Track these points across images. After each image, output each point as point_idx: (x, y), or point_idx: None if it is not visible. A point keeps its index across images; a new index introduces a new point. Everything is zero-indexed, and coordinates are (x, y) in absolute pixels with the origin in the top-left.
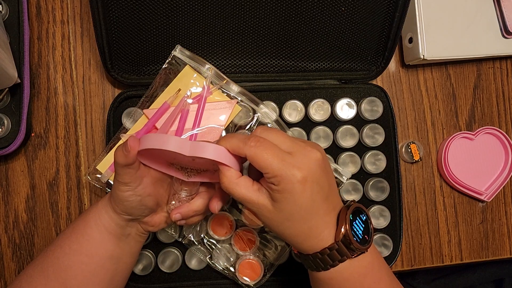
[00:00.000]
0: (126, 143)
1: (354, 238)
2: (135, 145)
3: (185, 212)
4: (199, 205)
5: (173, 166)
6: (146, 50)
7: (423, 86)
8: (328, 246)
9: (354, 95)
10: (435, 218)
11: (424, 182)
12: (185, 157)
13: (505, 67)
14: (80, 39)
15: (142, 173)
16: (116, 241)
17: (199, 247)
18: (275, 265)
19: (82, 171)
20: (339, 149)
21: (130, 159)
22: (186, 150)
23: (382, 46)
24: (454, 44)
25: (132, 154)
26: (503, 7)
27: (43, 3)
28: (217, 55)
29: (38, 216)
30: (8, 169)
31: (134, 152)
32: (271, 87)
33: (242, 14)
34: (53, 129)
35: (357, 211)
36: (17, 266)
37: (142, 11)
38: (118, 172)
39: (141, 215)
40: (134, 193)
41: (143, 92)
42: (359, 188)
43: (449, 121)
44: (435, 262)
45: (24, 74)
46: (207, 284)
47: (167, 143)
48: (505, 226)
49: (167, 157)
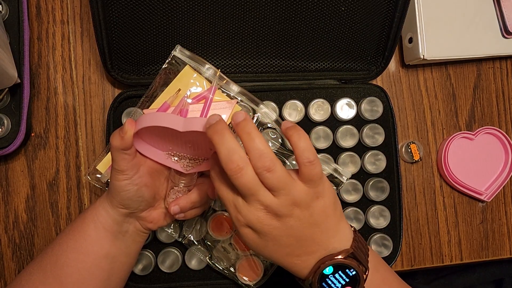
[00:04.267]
0: (123, 126)
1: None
2: (131, 127)
3: (183, 204)
4: (197, 196)
5: (171, 158)
6: (146, 50)
7: (423, 86)
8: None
9: (354, 95)
10: (435, 218)
11: (424, 182)
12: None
13: (505, 67)
14: (80, 39)
15: (138, 161)
16: (112, 239)
17: (199, 247)
18: (275, 265)
19: (82, 171)
20: (339, 149)
21: (126, 142)
22: (180, 125)
23: (382, 46)
24: (454, 44)
25: (129, 135)
26: (503, 7)
27: (43, 3)
28: (217, 55)
29: (38, 216)
30: (8, 169)
31: (130, 134)
32: (271, 87)
33: (242, 14)
34: (53, 129)
35: (344, 266)
36: (17, 266)
37: (142, 11)
38: (114, 159)
39: (138, 208)
40: (131, 182)
41: (143, 92)
42: (359, 188)
43: (449, 121)
44: (435, 262)
45: (24, 74)
46: (207, 284)
47: (161, 120)
48: (505, 226)
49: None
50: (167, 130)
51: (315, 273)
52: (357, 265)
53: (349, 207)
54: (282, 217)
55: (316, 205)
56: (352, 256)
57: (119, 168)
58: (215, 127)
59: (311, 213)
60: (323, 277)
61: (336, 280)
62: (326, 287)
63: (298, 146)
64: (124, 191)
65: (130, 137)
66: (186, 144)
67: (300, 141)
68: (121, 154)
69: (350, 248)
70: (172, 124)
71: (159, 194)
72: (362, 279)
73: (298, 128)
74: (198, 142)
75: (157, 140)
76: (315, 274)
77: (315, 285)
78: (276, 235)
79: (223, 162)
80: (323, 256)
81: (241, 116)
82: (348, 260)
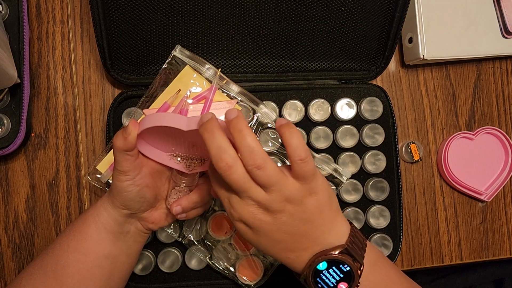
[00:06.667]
0: (126, 127)
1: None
2: (135, 128)
3: (185, 204)
4: (199, 195)
5: (174, 159)
6: (146, 50)
7: (423, 86)
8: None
9: (354, 95)
10: (435, 218)
11: (424, 182)
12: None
13: (505, 67)
14: (80, 39)
15: (141, 162)
16: (113, 239)
17: (199, 247)
18: (275, 265)
19: (82, 171)
20: (339, 149)
21: (129, 143)
22: (183, 124)
23: (382, 46)
24: (454, 44)
25: (132, 136)
26: (503, 7)
27: (43, 3)
28: (217, 55)
29: (38, 216)
30: (8, 169)
31: (134, 135)
32: (271, 87)
33: (242, 14)
34: (53, 129)
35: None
36: (17, 266)
37: (142, 11)
38: (117, 160)
39: (140, 209)
40: (133, 183)
41: (143, 92)
42: (359, 188)
43: (449, 121)
44: (435, 262)
45: (24, 74)
46: (207, 284)
47: (164, 119)
48: (505, 226)
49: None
50: (170, 130)
51: (309, 268)
52: (351, 261)
53: (349, 207)
54: (273, 212)
55: (309, 202)
56: (347, 252)
57: (121, 169)
58: (206, 125)
59: (303, 210)
60: (317, 273)
61: (330, 275)
62: (320, 282)
63: (290, 143)
64: (126, 192)
65: (133, 138)
66: (189, 144)
67: (292, 139)
68: (124, 155)
69: (344, 244)
70: (175, 124)
71: (160, 195)
72: (356, 275)
73: (290, 126)
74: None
75: (160, 141)
76: (309, 269)
77: (309, 280)
78: (268, 230)
79: (213, 160)
80: (317, 252)
81: (233, 114)
82: (342, 256)
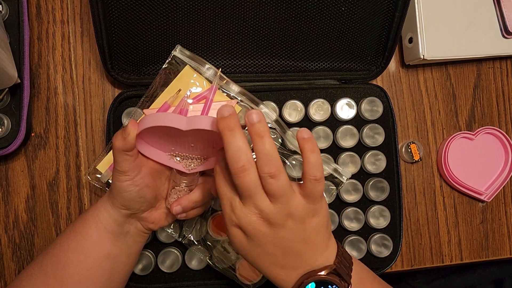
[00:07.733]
0: (125, 127)
1: None
2: (134, 128)
3: (185, 204)
4: (199, 195)
5: (173, 159)
6: (146, 50)
7: (423, 86)
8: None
9: (354, 95)
10: (435, 218)
11: (424, 182)
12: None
13: (505, 67)
14: (80, 39)
15: (140, 162)
16: (114, 239)
17: (199, 247)
18: None
19: (82, 171)
20: (339, 149)
21: (128, 143)
22: (183, 124)
23: (382, 46)
24: (454, 44)
25: (131, 137)
26: (503, 7)
27: (43, 3)
28: (217, 55)
29: (38, 216)
30: (8, 169)
31: (133, 135)
32: (271, 87)
33: (242, 14)
34: (53, 129)
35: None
36: (17, 266)
37: (142, 11)
38: (116, 160)
39: (140, 209)
40: (133, 183)
41: (143, 92)
42: (359, 188)
43: (449, 121)
44: (435, 262)
45: (24, 74)
46: (207, 284)
47: (163, 119)
48: (505, 226)
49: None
50: (169, 130)
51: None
52: (339, 281)
53: (349, 207)
54: (274, 225)
55: (311, 222)
56: (335, 272)
57: (121, 169)
58: (228, 122)
59: (303, 228)
60: None
61: None
62: None
63: (310, 160)
64: (126, 192)
65: (133, 138)
66: (188, 144)
67: (313, 156)
68: (124, 156)
69: (333, 264)
70: (174, 123)
71: (160, 195)
72: None
73: (314, 142)
74: (200, 140)
75: (159, 141)
76: None
77: None
78: (264, 242)
79: (229, 160)
80: (305, 272)
81: (256, 118)
82: (330, 277)
